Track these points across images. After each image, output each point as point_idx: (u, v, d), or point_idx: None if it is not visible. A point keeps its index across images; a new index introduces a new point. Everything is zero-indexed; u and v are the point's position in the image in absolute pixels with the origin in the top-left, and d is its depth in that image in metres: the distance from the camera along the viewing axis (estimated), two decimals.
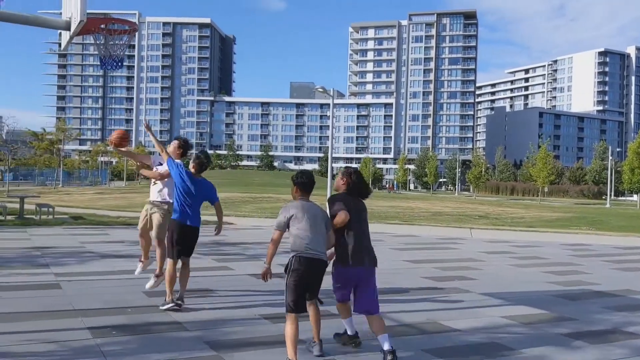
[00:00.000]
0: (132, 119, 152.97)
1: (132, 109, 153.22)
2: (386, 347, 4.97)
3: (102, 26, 6.05)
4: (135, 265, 8.33)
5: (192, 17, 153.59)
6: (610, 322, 6.91)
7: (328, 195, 23.08)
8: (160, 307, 6.61)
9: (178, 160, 7.06)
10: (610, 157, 55.09)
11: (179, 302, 6.65)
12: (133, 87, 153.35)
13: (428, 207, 33.88)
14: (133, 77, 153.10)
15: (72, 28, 5.65)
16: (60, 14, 6.14)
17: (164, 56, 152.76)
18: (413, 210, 30.60)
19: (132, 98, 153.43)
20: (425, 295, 8.23)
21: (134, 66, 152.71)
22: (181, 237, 6.65)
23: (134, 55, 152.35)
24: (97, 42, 6.02)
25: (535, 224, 24.41)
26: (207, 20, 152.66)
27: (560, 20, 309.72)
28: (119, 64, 6.06)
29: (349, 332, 5.56)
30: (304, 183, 5.26)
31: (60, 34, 6.48)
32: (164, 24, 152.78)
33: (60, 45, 7.17)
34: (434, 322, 6.62)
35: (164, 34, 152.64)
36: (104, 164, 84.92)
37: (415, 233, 18.08)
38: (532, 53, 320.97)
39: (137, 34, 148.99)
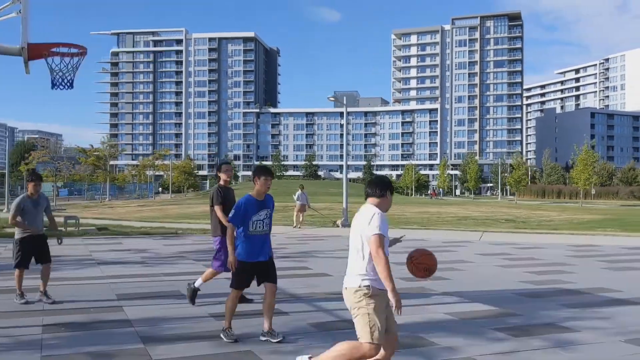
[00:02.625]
0: (181, 133, 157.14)
1: (182, 123, 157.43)
2: None
3: (55, 50, 6.63)
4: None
5: (236, 32, 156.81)
6: (554, 317, 7.01)
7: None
8: None
9: None
10: None
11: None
12: (182, 102, 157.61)
13: (457, 212, 33.68)
14: (181, 92, 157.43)
15: (23, 54, 6.29)
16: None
17: (210, 71, 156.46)
18: (440, 216, 30.52)
19: (181, 113, 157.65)
20: None
21: (182, 82, 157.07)
22: None
23: (181, 72, 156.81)
24: (49, 65, 6.59)
25: (561, 226, 24.05)
26: (251, 34, 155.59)
27: (623, 17, 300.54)
28: (69, 84, 6.63)
29: None
30: None
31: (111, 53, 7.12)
32: (210, 39, 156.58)
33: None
34: None
35: (210, 49, 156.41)
36: (152, 178, 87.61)
37: (425, 237, 18.18)
38: (592, 52, 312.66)
39: (185, 50, 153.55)
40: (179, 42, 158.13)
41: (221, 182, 7.69)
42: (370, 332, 4.01)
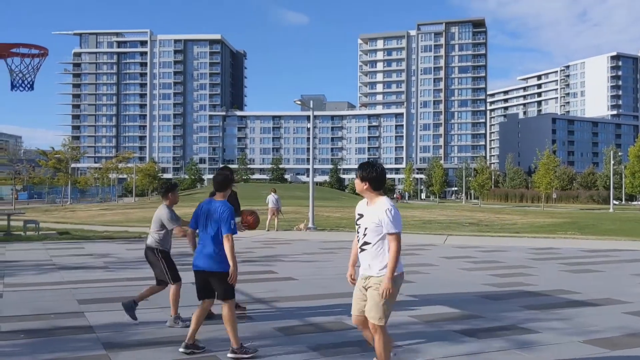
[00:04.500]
0: (145, 136, 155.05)
1: (146, 125, 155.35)
2: None
3: (15, 50, 6.48)
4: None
5: (203, 34, 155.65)
6: (515, 319, 7.16)
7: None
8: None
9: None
10: (612, 161, 54.64)
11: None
12: (146, 105, 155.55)
13: (422, 216, 34.04)
14: (146, 94, 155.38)
15: None
16: None
17: (175, 73, 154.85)
18: (405, 219, 30.75)
19: (145, 115, 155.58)
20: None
21: (146, 84, 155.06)
22: None
23: (146, 73, 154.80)
24: (9, 66, 6.44)
25: (522, 229, 24.52)
26: (217, 37, 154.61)
27: (583, 25, 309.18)
28: (30, 86, 6.49)
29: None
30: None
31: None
32: (175, 41, 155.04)
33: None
34: (339, 321, 6.94)
35: (175, 51, 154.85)
36: (115, 181, 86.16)
37: None
38: (554, 59, 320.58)
39: (149, 51, 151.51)
40: (143, 43, 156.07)
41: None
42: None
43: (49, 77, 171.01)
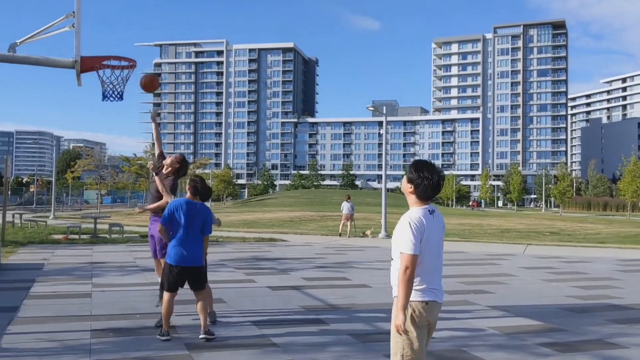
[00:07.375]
0: (221, 143, 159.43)
1: (222, 132, 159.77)
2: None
3: (106, 62, 6.84)
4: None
5: (276, 43, 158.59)
6: (601, 333, 6.84)
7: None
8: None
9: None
10: None
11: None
12: (222, 112, 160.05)
13: (500, 224, 33.11)
14: (222, 102, 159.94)
15: (76, 67, 6.52)
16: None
17: (250, 81, 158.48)
18: (482, 228, 30.05)
19: (221, 122, 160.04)
20: None
21: (222, 92, 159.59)
22: None
23: (222, 82, 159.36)
24: (100, 77, 6.80)
25: (608, 240, 23.38)
26: (290, 45, 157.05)
27: None
28: (119, 96, 6.83)
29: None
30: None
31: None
32: (250, 50, 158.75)
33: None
34: None
35: (249, 60, 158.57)
36: None
37: (465, 250, 17.93)
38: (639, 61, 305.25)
39: (225, 60, 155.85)
40: (219, 53, 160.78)
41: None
42: None
43: (132, 87, 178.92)
